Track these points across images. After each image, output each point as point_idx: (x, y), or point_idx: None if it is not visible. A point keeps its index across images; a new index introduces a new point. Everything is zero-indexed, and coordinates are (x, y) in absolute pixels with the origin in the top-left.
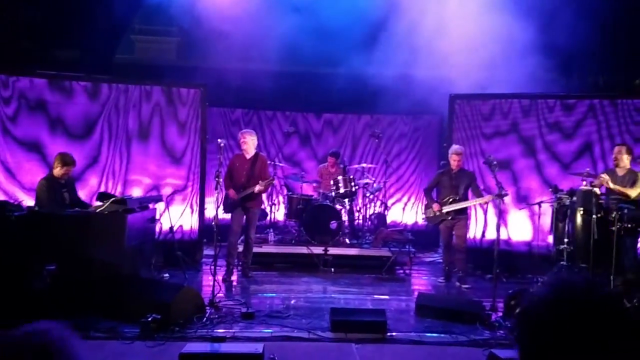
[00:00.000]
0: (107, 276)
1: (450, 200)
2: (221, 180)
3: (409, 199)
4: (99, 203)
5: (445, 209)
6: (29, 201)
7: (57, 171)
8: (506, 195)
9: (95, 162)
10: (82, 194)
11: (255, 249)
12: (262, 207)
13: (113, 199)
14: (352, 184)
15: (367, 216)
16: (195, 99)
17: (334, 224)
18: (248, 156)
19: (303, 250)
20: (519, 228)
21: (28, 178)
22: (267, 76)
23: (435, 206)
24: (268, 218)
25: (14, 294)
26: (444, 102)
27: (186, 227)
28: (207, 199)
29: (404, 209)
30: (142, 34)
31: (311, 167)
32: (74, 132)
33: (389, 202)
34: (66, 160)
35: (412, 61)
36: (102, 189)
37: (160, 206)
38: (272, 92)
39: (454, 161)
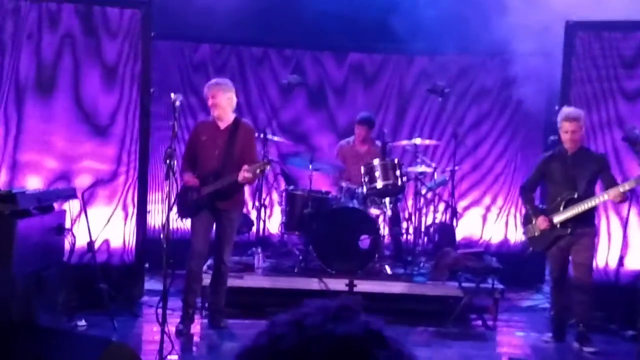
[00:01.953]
0: None
1: (567, 200)
2: (175, 164)
3: (493, 201)
4: None
5: (558, 219)
6: None
7: None
8: None
9: None
10: None
11: (232, 282)
12: (245, 210)
13: None
14: (398, 173)
15: (424, 229)
16: (131, 27)
17: (365, 242)
18: (222, 125)
19: (313, 284)
20: None
21: None
22: None
23: (541, 222)
24: (254, 229)
25: None
26: (556, 37)
27: (116, 243)
28: (150, 196)
29: (485, 217)
30: None
31: (327, 144)
32: None
33: (461, 206)
34: None
35: None
36: None
37: (72, 207)
38: (260, 17)
39: (567, 134)
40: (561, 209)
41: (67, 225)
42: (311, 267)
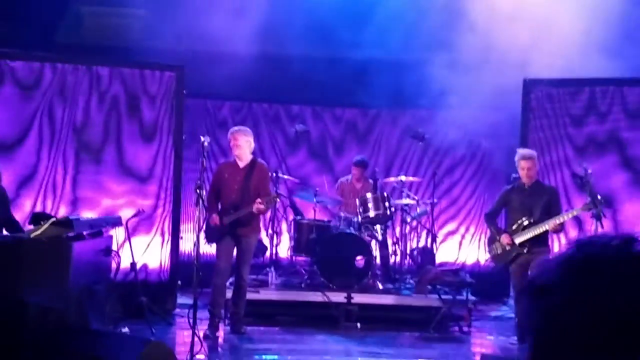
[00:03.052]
0: (45, 327)
1: (524, 224)
2: (204, 194)
3: (467, 229)
4: (32, 227)
5: (518, 239)
6: None
7: None
8: (602, 204)
9: (31, 177)
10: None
11: (250, 295)
12: (259, 237)
13: (53, 219)
14: (387, 204)
15: (408, 251)
16: (168, 88)
17: (360, 262)
18: (242, 164)
19: (317, 297)
20: None
21: None
22: (267, 61)
23: (504, 238)
24: (268, 253)
25: None
26: (513, 95)
27: (154, 264)
28: (182, 226)
29: (461, 242)
30: (94, 5)
31: (325, 183)
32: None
33: (440, 233)
34: None
35: (467, 43)
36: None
37: (118, 233)
38: (270, 79)
39: (523, 170)
40: (520, 231)
41: (114, 248)
42: (315, 283)
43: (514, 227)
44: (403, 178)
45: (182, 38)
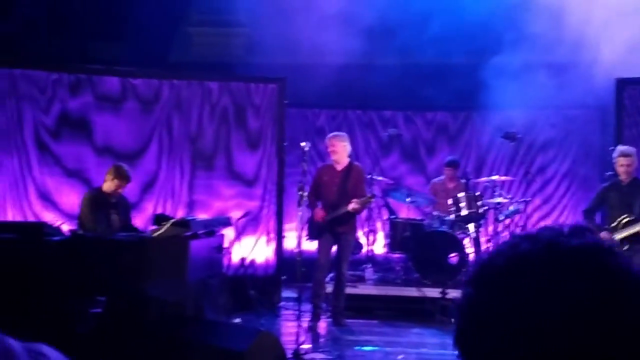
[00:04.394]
0: (166, 317)
1: (624, 221)
2: (305, 194)
3: None
4: (154, 227)
5: (619, 236)
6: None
7: (108, 185)
8: None
9: (152, 183)
10: (137, 223)
11: (349, 290)
12: (357, 234)
13: (172, 220)
14: (479, 203)
15: None
16: (270, 99)
17: (454, 258)
18: (339, 167)
19: (412, 292)
20: None
21: (67, 201)
22: (360, 69)
23: (604, 235)
24: (364, 250)
25: (53, 340)
26: (604, 92)
27: (260, 260)
28: (286, 225)
29: None
30: (202, 26)
31: (417, 185)
32: (123, 150)
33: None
34: (120, 172)
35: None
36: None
37: (228, 233)
38: (363, 86)
39: (622, 167)
40: (620, 228)
41: (225, 246)
42: (410, 279)
43: (614, 224)
44: (495, 177)
45: (281, 52)
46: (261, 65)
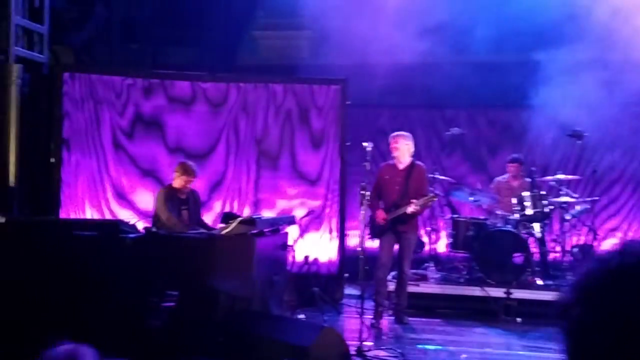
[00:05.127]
0: (234, 312)
1: None
2: (367, 194)
3: (629, 226)
4: (222, 225)
5: None
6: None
7: (177, 181)
8: None
9: (220, 183)
10: (206, 221)
11: (411, 288)
12: (419, 233)
13: (240, 219)
14: (544, 202)
15: (568, 248)
16: (333, 100)
17: (518, 258)
18: (401, 166)
19: (476, 291)
20: None
21: (142, 199)
22: (421, 68)
23: None
24: (426, 248)
25: (128, 334)
26: None
27: (323, 258)
28: (347, 224)
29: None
30: (267, 29)
31: (479, 182)
32: (193, 150)
33: (601, 230)
34: (186, 168)
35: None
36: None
37: (292, 231)
38: (424, 85)
39: None
40: None
41: (290, 243)
42: (474, 278)
43: None
44: (561, 176)
45: (344, 52)
46: (324, 66)
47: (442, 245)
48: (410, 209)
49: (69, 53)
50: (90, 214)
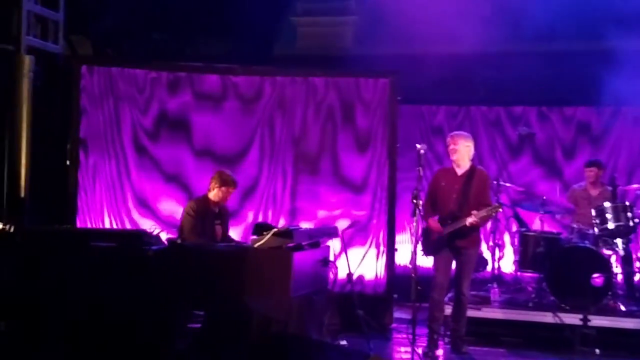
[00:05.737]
0: (268, 335)
1: None
2: (420, 203)
3: None
4: (255, 237)
5: None
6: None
7: (215, 193)
8: None
9: (252, 189)
10: (237, 232)
11: (471, 312)
12: (480, 249)
13: (274, 230)
14: (629, 215)
15: None
16: (382, 95)
17: (598, 279)
18: (460, 171)
19: (547, 318)
20: None
21: (166, 207)
22: (483, 59)
23: None
24: (489, 267)
25: (150, 358)
26: None
27: (369, 276)
28: (398, 237)
29: None
30: (306, 15)
31: (552, 193)
32: (222, 153)
33: None
34: (224, 178)
35: None
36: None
37: (334, 244)
38: (485, 79)
39: None
40: None
41: (331, 258)
42: (544, 302)
43: None
44: None
45: (394, 42)
46: (371, 57)
47: (507, 264)
48: (470, 220)
49: (87, 44)
50: (109, 222)
